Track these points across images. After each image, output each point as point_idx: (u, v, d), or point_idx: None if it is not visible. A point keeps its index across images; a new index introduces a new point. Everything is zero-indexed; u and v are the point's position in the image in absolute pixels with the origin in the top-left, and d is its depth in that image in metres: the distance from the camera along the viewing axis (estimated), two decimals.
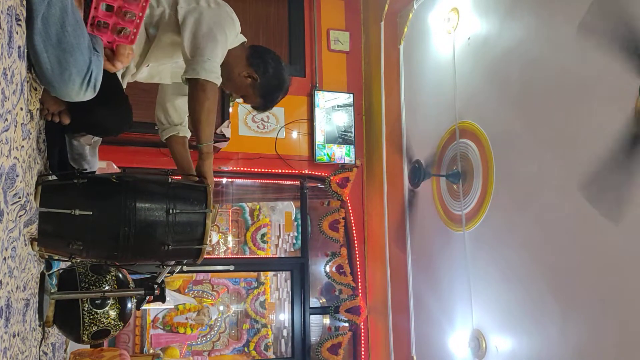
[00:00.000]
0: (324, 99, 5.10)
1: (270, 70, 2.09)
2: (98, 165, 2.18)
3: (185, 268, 2.12)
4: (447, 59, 4.07)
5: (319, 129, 5.05)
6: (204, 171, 1.93)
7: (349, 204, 5.08)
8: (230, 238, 7.66)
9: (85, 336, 2.03)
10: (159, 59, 2.08)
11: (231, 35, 2.01)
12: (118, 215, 1.65)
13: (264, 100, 2.15)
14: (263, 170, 4.93)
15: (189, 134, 2.28)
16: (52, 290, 1.94)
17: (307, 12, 5.31)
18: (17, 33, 1.17)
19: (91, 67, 1.39)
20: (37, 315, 1.76)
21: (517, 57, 3.37)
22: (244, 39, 2.14)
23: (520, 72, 3.34)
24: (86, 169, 1.88)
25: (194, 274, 7.36)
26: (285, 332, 7.29)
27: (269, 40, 5.06)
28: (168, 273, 2.09)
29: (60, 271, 2.07)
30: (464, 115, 3.84)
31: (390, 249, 4.76)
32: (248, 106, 4.83)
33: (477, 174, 3.68)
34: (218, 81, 1.91)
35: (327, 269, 5.09)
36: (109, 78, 1.75)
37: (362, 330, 5.03)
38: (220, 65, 2.00)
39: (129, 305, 2.13)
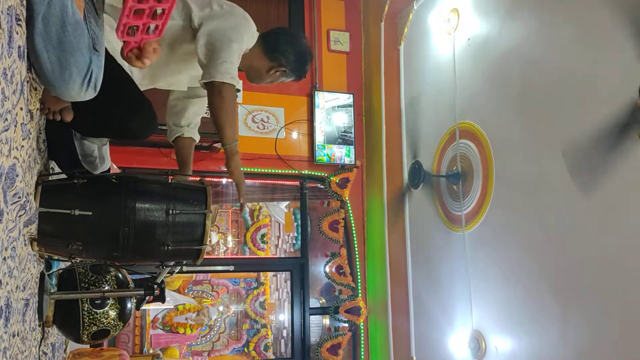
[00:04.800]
0: (324, 100, 5.10)
1: (292, 57, 2.15)
2: (109, 164, 2.18)
3: (185, 268, 2.12)
4: (447, 60, 4.07)
5: (319, 130, 5.05)
6: (230, 171, 1.98)
7: (348, 205, 5.08)
8: (230, 238, 7.67)
9: (85, 336, 2.03)
10: (178, 70, 2.10)
11: (247, 35, 2.03)
12: (118, 216, 1.65)
13: (298, 77, 2.24)
14: (263, 170, 4.93)
15: (197, 137, 2.31)
16: (52, 290, 1.94)
17: (307, 12, 5.31)
18: (17, 33, 1.17)
19: (91, 66, 1.39)
20: (36, 315, 1.76)
21: (517, 58, 3.37)
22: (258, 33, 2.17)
23: (520, 73, 3.35)
24: (85, 170, 1.88)
25: (194, 274, 7.36)
26: (285, 333, 7.30)
27: None
28: (168, 273, 2.09)
29: (60, 271, 2.07)
30: (464, 115, 3.84)
31: (390, 250, 4.76)
32: (248, 107, 4.87)
33: (477, 174, 3.68)
34: (234, 82, 1.93)
35: (327, 269, 5.08)
36: (128, 83, 1.77)
37: (362, 331, 5.03)
38: (248, 68, 2.11)
39: (129, 305, 2.13)
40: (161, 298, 2.13)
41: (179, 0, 1.99)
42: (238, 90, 4.78)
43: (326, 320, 5.63)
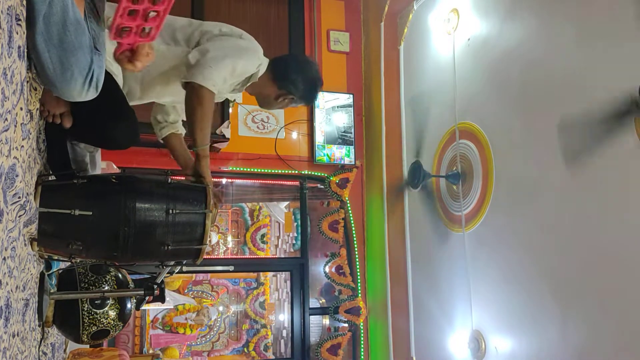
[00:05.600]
0: (323, 100, 5.09)
1: (300, 85, 2.16)
2: (99, 170, 2.18)
3: (184, 268, 2.12)
4: (447, 60, 4.07)
5: (319, 130, 5.05)
6: (202, 172, 1.95)
7: (348, 205, 5.08)
8: (230, 238, 7.66)
9: (85, 336, 2.03)
10: (181, 90, 2.11)
11: (249, 60, 2.03)
12: (118, 216, 1.65)
13: (307, 103, 2.30)
14: (263, 170, 4.93)
15: (183, 132, 2.30)
16: (52, 290, 1.94)
17: (307, 12, 5.31)
18: (17, 33, 1.17)
19: (93, 66, 1.39)
20: (36, 315, 1.76)
21: (517, 58, 3.37)
22: (268, 60, 2.17)
23: (520, 73, 3.35)
24: (85, 169, 1.88)
25: (194, 274, 7.36)
26: (284, 333, 7.29)
27: (269, 40, 5.06)
28: (168, 273, 2.09)
29: (60, 271, 2.07)
30: (463, 116, 3.84)
31: (390, 250, 4.76)
32: (248, 107, 4.86)
33: (476, 174, 3.68)
34: (214, 89, 1.92)
35: (327, 269, 5.08)
36: (115, 91, 1.77)
37: (362, 331, 5.02)
38: (258, 94, 2.16)
39: (129, 305, 2.13)
40: (161, 298, 2.13)
41: (187, 25, 2.01)
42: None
43: (326, 320, 5.63)
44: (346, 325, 5.04)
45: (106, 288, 2.05)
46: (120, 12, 1.37)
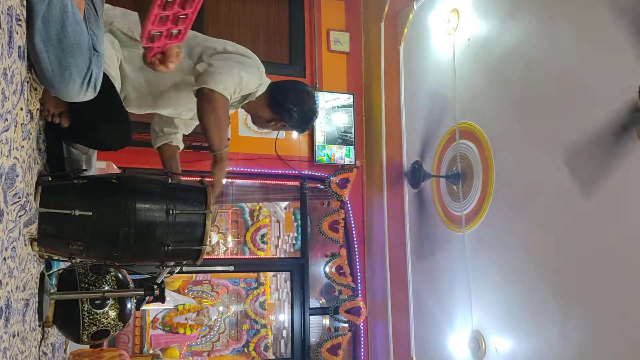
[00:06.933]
0: (324, 100, 5.09)
1: (295, 116, 2.17)
2: (95, 171, 2.18)
3: (185, 268, 2.13)
4: (447, 60, 4.07)
5: (319, 130, 5.05)
6: (215, 175, 1.97)
7: (348, 205, 5.08)
8: (230, 238, 7.67)
9: (85, 336, 2.03)
10: (185, 102, 2.11)
11: (253, 77, 2.05)
12: (118, 216, 1.65)
13: (299, 132, 2.33)
14: (263, 170, 4.93)
15: (181, 146, 2.31)
16: (52, 291, 1.94)
17: (307, 12, 5.31)
18: (17, 33, 1.17)
19: (91, 67, 1.39)
20: (36, 316, 1.76)
21: (517, 58, 3.37)
22: (269, 81, 2.19)
23: (520, 73, 3.35)
24: (85, 169, 1.88)
25: (194, 275, 7.36)
26: (284, 333, 7.30)
27: (269, 40, 5.06)
28: (168, 273, 2.09)
29: (60, 271, 2.07)
30: (463, 116, 3.84)
31: (390, 250, 4.76)
32: None
33: (476, 174, 3.68)
34: (226, 93, 1.93)
35: (327, 269, 5.08)
36: (111, 93, 1.77)
37: (362, 331, 5.02)
38: (252, 114, 2.19)
39: (129, 305, 2.13)
40: (161, 298, 2.13)
41: (192, 38, 2.01)
42: None
43: (326, 321, 5.63)
44: (346, 325, 5.04)
45: (106, 288, 2.05)
46: (152, 19, 1.39)
